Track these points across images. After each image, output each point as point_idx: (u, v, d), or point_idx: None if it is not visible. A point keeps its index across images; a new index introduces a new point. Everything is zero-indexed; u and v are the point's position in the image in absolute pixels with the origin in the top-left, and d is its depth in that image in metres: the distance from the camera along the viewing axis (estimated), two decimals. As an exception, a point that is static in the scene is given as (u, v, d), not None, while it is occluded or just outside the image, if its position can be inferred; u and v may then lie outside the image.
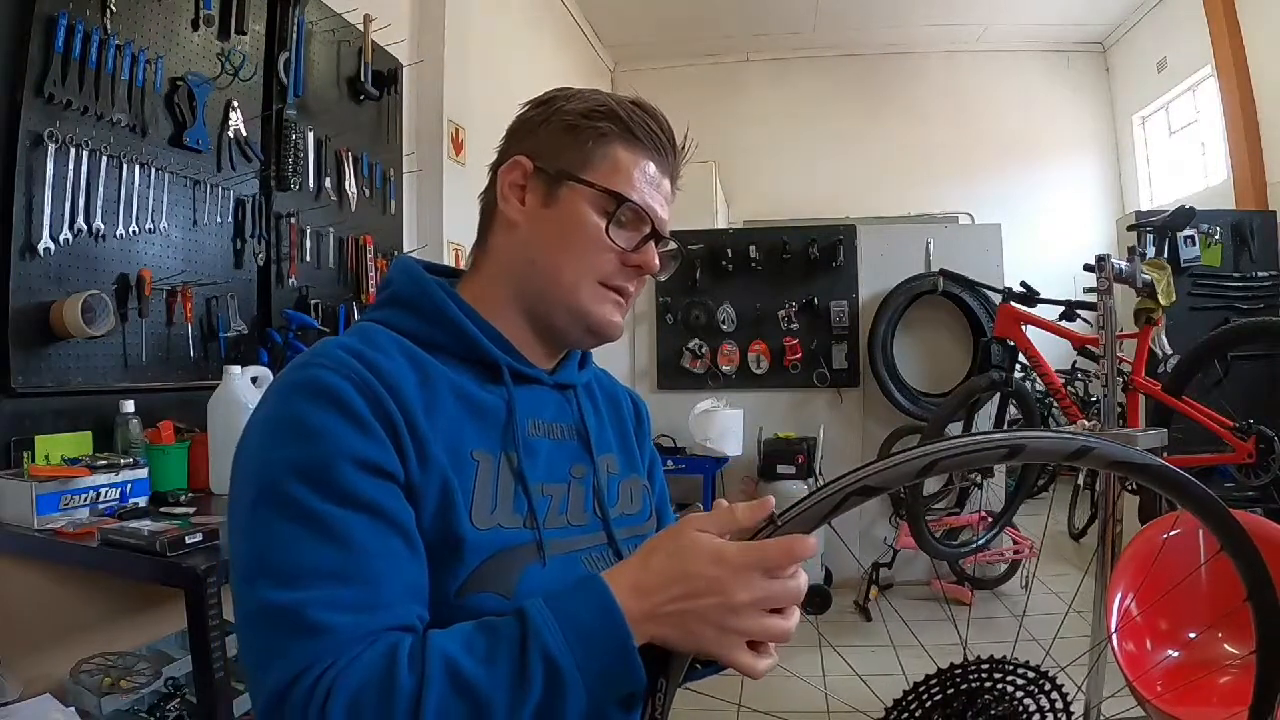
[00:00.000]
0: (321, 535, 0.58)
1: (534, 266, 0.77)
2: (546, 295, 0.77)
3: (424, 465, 0.64)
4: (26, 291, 1.65)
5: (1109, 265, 1.94)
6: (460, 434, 0.69)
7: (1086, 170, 6.72)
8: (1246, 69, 4.89)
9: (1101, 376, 1.98)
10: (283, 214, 2.39)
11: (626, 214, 0.75)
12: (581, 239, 0.75)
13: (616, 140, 0.76)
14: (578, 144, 0.76)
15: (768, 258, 4.07)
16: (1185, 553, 1.73)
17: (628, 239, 0.76)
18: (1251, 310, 3.99)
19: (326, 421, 0.61)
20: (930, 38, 6.59)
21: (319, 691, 0.53)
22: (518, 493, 0.71)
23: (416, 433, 0.65)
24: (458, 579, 0.64)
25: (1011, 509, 3.30)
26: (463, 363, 0.74)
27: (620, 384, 0.96)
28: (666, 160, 0.79)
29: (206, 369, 2.05)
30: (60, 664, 1.57)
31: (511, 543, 0.68)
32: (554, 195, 0.76)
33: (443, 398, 0.69)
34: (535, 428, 0.76)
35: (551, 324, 0.78)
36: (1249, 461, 2.57)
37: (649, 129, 0.77)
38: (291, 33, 2.42)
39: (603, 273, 0.76)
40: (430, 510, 0.64)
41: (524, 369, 0.77)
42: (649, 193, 0.77)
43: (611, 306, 0.77)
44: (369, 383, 0.63)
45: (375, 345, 0.68)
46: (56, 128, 1.69)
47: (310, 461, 0.60)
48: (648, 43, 6.66)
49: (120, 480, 1.61)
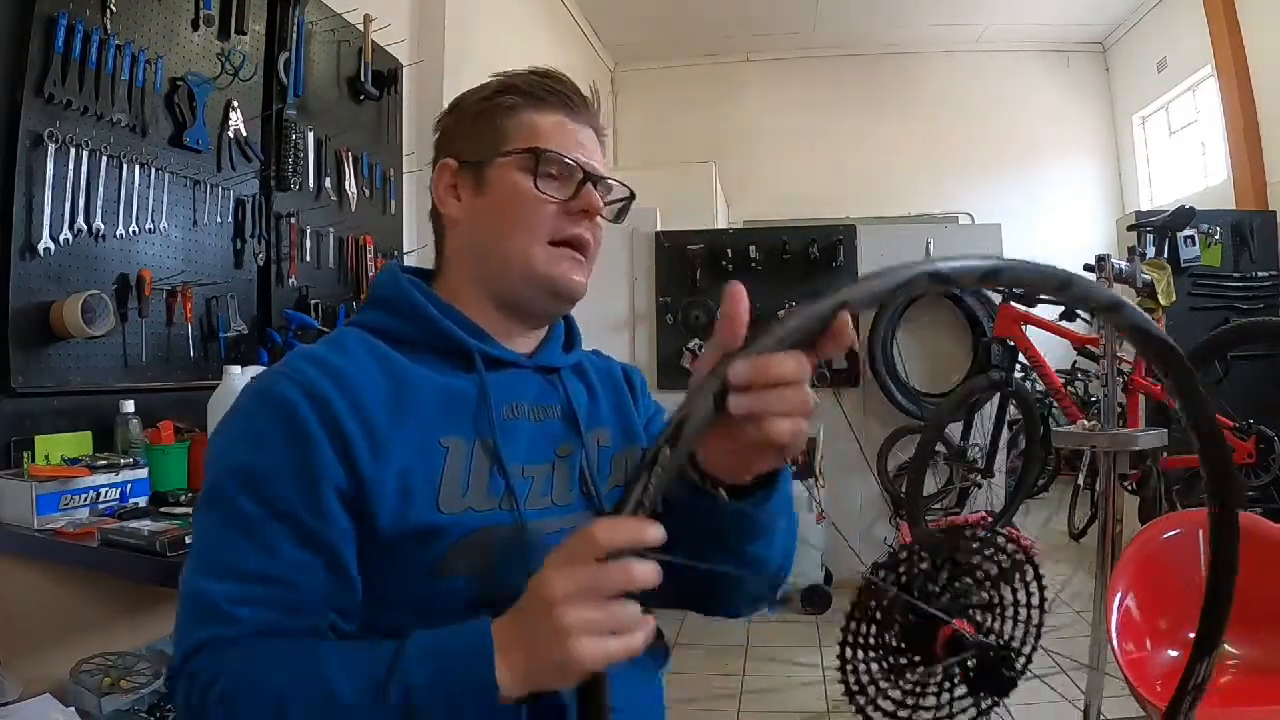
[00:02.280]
0: (251, 540, 0.63)
1: (486, 250, 0.79)
2: (504, 273, 0.78)
3: (381, 462, 0.66)
4: (26, 291, 1.65)
5: (1109, 265, 1.95)
6: (430, 424, 0.71)
7: (1086, 170, 6.72)
8: (1246, 69, 4.89)
9: (1101, 376, 1.99)
10: (283, 214, 2.39)
11: (551, 164, 0.77)
12: (516, 205, 0.77)
13: (524, 108, 0.78)
14: (490, 126, 0.79)
15: (768, 258, 4.07)
16: (1185, 553, 1.73)
17: (560, 188, 0.77)
18: (1251, 310, 3.99)
19: (274, 434, 0.66)
20: (930, 38, 6.58)
21: (206, 674, 0.60)
22: (494, 475, 0.72)
23: (374, 433, 0.67)
24: (428, 565, 0.67)
25: (1011, 509, 3.30)
26: (439, 355, 0.76)
27: (615, 360, 0.97)
28: (579, 111, 0.80)
29: (206, 369, 2.06)
30: (60, 664, 1.56)
31: (483, 524, 0.69)
32: (482, 180, 0.79)
33: (412, 392, 0.71)
34: (513, 410, 0.77)
35: (517, 301, 0.79)
36: (1249, 461, 2.57)
37: (551, 88, 0.79)
38: (291, 33, 2.42)
39: (548, 229, 0.77)
40: (389, 505, 0.66)
41: (497, 353, 0.78)
42: (571, 142, 0.78)
43: (570, 264, 0.78)
44: (322, 392, 0.67)
45: (342, 350, 0.72)
46: (56, 128, 1.69)
47: (252, 471, 0.65)
48: (648, 43, 6.65)
49: (120, 480, 1.61)
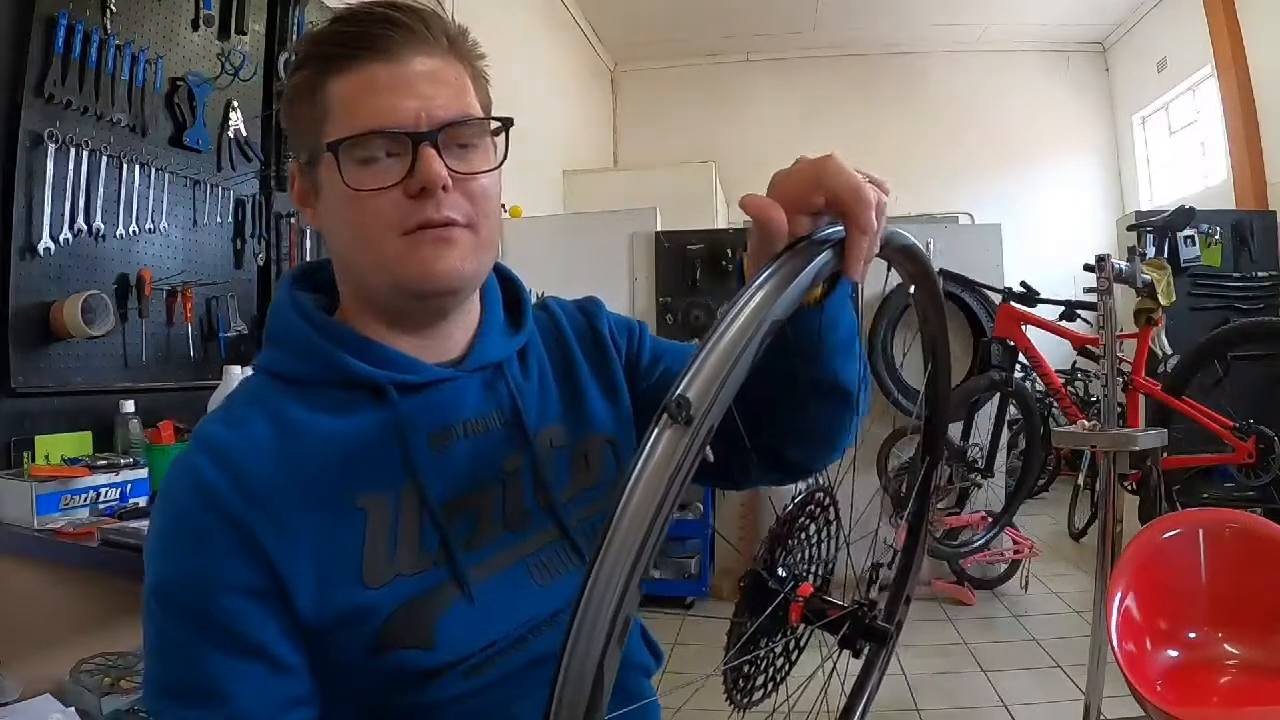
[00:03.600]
0: (179, 655, 0.58)
1: (345, 261, 0.67)
2: (367, 282, 0.66)
3: (289, 547, 0.58)
4: (26, 291, 1.65)
5: (1109, 265, 1.94)
6: (341, 486, 0.61)
7: (1086, 170, 6.72)
8: (1246, 69, 4.89)
9: (1101, 376, 1.98)
10: (283, 214, 2.39)
11: (357, 153, 0.61)
12: (345, 210, 0.63)
13: (326, 78, 0.62)
14: (305, 114, 0.64)
15: (768, 258, 4.07)
16: (1185, 553, 1.73)
17: (393, 167, 0.61)
18: (1251, 310, 3.99)
19: (178, 541, 0.59)
20: (931, 37, 6.58)
21: None
22: (425, 527, 0.63)
23: (275, 515, 0.58)
24: (363, 646, 0.59)
25: (1011, 509, 3.30)
26: (347, 390, 0.65)
27: (566, 305, 0.82)
28: (397, 46, 0.61)
29: (206, 369, 2.06)
30: (60, 664, 1.56)
31: (418, 590, 0.61)
32: (316, 182, 0.65)
33: (314, 453, 0.61)
34: (445, 436, 0.66)
35: (398, 311, 0.67)
36: (1249, 461, 2.57)
37: (341, 36, 0.62)
38: (291, 33, 2.42)
39: (391, 222, 0.61)
40: (309, 594, 0.58)
41: (414, 378, 0.66)
42: (383, 102, 0.60)
43: (430, 250, 0.62)
44: (213, 485, 0.58)
45: (235, 419, 0.63)
46: (56, 128, 1.69)
47: (168, 584, 0.59)
48: (648, 43, 6.65)
49: (120, 480, 1.61)
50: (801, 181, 0.52)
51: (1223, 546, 1.71)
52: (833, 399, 0.69)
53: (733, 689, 0.59)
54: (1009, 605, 3.45)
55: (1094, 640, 1.86)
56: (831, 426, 0.72)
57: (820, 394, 0.68)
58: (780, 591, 0.59)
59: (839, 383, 0.68)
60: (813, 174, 0.52)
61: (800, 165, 0.53)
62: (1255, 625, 1.61)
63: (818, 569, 0.63)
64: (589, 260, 3.90)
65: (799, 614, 0.59)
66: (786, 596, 0.59)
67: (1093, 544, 2.32)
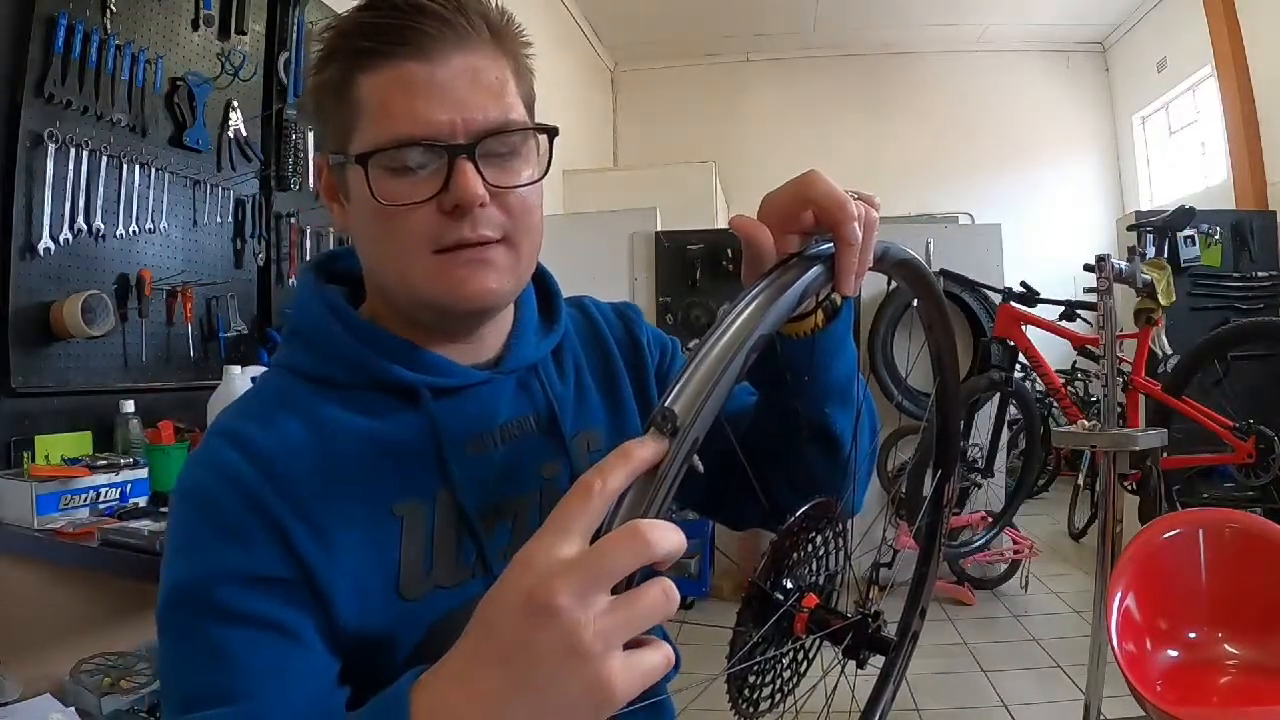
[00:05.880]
0: (205, 657, 0.52)
1: (372, 269, 0.64)
2: (397, 296, 0.62)
3: (328, 555, 0.55)
4: (26, 291, 1.65)
5: (1109, 265, 1.94)
6: (376, 491, 0.58)
7: (1086, 170, 6.72)
8: (1246, 69, 4.89)
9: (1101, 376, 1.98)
10: (283, 214, 2.39)
11: (390, 164, 0.56)
12: (377, 221, 0.58)
13: (355, 74, 0.57)
14: (332, 110, 0.59)
15: (768, 258, 4.07)
16: (1185, 553, 1.73)
17: (417, 184, 0.57)
18: (1251, 310, 3.99)
19: (201, 535, 0.54)
20: (930, 37, 6.58)
21: None
22: (463, 538, 0.61)
23: (309, 517, 0.55)
24: (398, 663, 0.56)
25: (1011, 509, 3.30)
26: (379, 392, 0.62)
27: (604, 309, 0.79)
28: (419, 42, 0.56)
29: (206, 369, 2.06)
30: (60, 664, 1.56)
31: (457, 604, 0.59)
32: (345, 184, 0.61)
33: (347, 455, 0.58)
34: (482, 442, 0.64)
35: (428, 322, 0.63)
36: (1249, 461, 2.57)
37: (373, 28, 0.56)
38: (291, 33, 2.42)
39: (423, 239, 0.58)
40: (346, 601, 0.55)
41: (447, 382, 0.63)
42: (416, 107, 0.56)
43: (466, 270, 0.58)
44: (243, 480, 0.55)
45: (260, 415, 0.59)
46: (56, 128, 1.69)
47: (189, 582, 0.54)
48: (648, 43, 6.65)
49: (120, 480, 1.61)
50: (787, 198, 0.53)
51: (1223, 546, 1.71)
52: (821, 445, 0.68)
53: (738, 698, 0.59)
54: (1009, 605, 3.45)
55: (1094, 640, 1.86)
56: (814, 475, 0.68)
57: (813, 438, 0.67)
58: (784, 603, 0.58)
59: (830, 429, 0.67)
60: (796, 190, 0.53)
61: (786, 184, 0.54)
62: (1255, 625, 1.61)
63: (822, 580, 0.63)
64: (589, 260, 3.90)
65: (804, 625, 0.58)
66: (790, 609, 0.58)
67: (1093, 544, 2.32)
